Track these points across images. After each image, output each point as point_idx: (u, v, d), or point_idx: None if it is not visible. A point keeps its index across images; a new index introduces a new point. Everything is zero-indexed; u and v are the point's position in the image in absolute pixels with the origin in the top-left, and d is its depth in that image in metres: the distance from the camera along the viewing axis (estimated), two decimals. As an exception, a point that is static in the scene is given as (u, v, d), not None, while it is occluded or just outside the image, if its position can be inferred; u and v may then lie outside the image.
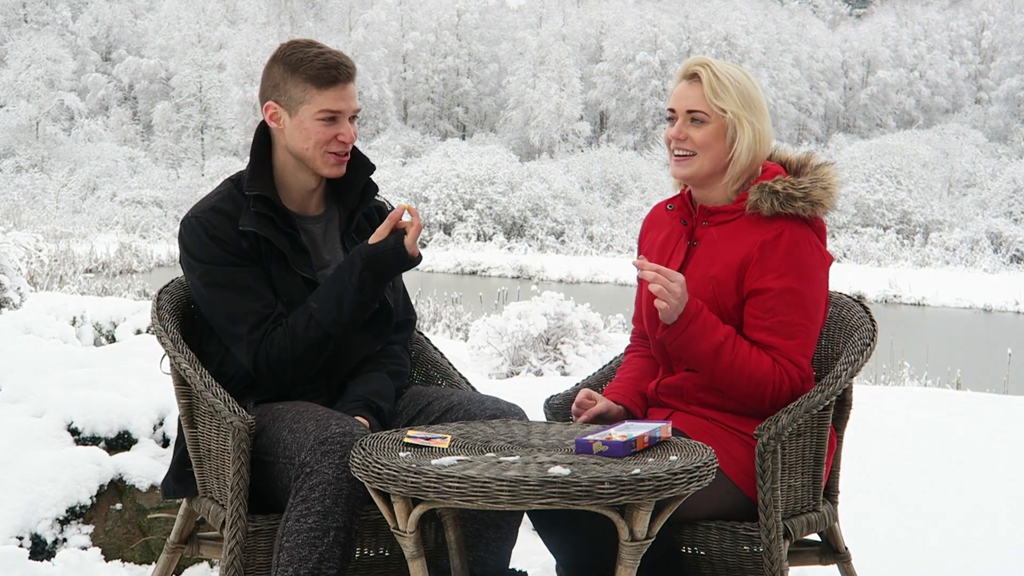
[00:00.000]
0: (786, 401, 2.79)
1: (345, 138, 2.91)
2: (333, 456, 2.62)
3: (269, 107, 2.94)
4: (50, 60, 57.05)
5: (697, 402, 2.88)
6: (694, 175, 2.88)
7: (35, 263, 16.76)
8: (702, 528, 2.77)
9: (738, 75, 2.85)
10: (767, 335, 2.78)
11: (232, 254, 2.88)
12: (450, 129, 62.44)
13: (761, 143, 2.86)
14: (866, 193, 41.92)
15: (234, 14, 64.90)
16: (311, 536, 2.59)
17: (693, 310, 2.76)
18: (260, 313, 2.86)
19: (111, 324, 7.17)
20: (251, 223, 2.88)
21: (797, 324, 2.79)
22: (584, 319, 10.15)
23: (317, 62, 2.89)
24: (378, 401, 2.89)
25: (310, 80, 2.88)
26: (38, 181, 49.23)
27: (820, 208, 2.84)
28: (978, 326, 24.63)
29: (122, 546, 3.78)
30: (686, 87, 2.88)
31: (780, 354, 2.78)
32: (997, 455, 5.71)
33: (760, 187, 2.83)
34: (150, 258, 31.32)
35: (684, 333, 2.76)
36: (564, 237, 41.53)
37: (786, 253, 2.79)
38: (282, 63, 2.92)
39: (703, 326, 2.76)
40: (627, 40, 60.34)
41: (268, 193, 2.91)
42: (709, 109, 2.84)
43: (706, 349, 2.76)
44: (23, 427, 3.91)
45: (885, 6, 70.75)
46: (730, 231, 2.85)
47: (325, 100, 2.89)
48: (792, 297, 2.79)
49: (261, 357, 2.86)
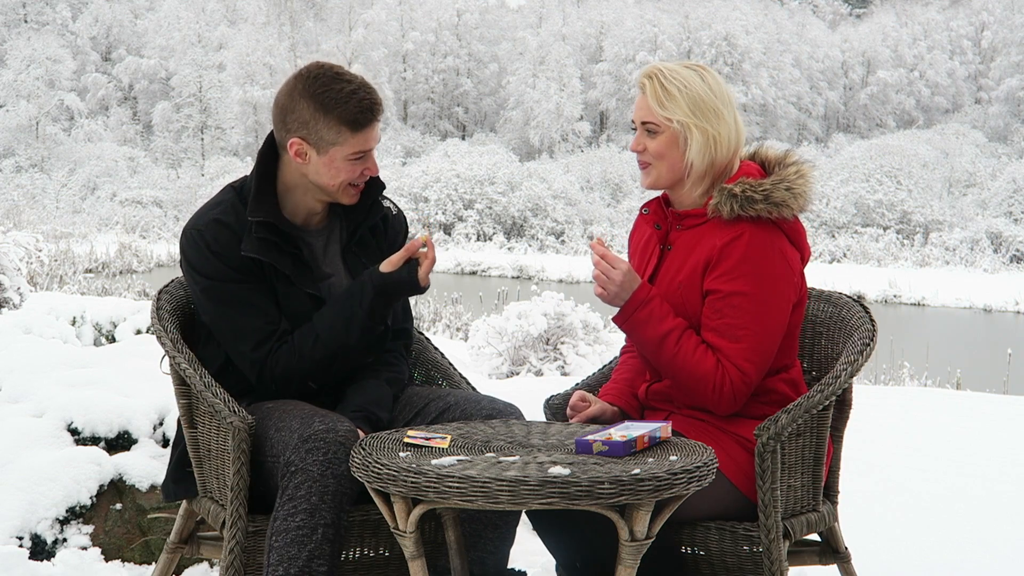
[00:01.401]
0: (728, 403, 2.77)
1: (371, 172, 2.89)
2: (317, 453, 2.61)
3: (295, 144, 2.83)
4: (50, 60, 57.07)
5: (687, 407, 2.88)
6: (655, 183, 2.89)
7: (35, 263, 16.75)
8: (702, 528, 2.77)
9: (691, 80, 2.82)
10: (713, 336, 2.78)
11: (234, 270, 2.85)
12: (450, 129, 62.45)
13: (718, 146, 2.82)
14: (866, 193, 41.91)
15: (234, 14, 64.89)
16: (299, 534, 2.59)
17: (642, 297, 2.79)
18: (263, 330, 2.85)
19: (111, 324, 7.17)
20: (254, 249, 2.84)
21: (744, 328, 2.76)
22: (584, 319, 10.16)
23: (352, 104, 2.79)
24: (376, 411, 2.87)
25: (345, 123, 2.80)
26: (38, 181, 49.23)
27: (785, 209, 2.79)
28: (978, 326, 24.64)
29: (122, 546, 3.78)
30: (640, 97, 2.89)
31: (724, 356, 2.77)
32: (997, 455, 5.71)
33: (720, 190, 2.81)
34: (150, 258, 31.33)
35: (631, 318, 2.80)
36: (564, 237, 41.54)
37: (742, 257, 2.77)
38: (311, 99, 2.80)
39: (650, 315, 2.78)
40: (627, 40, 60.34)
41: (272, 219, 2.86)
42: (657, 119, 2.83)
43: (651, 337, 2.79)
44: (23, 427, 3.91)
45: (885, 6, 70.73)
46: (698, 235, 2.85)
47: (358, 142, 2.83)
48: (742, 300, 2.76)
49: (266, 375, 2.86)
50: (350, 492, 2.65)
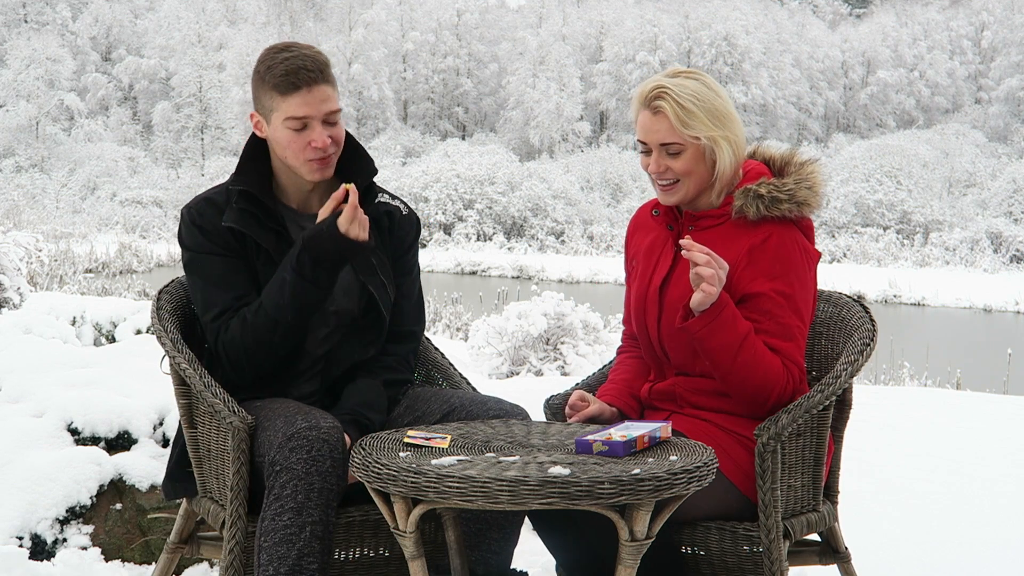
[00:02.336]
0: (786, 403, 2.79)
1: (318, 143, 2.82)
2: (301, 451, 2.61)
3: (253, 116, 2.90)
4: (50, 60, 57.07)
5: (690, 405, 2.88)
6: (683, 199, 2.86)
7: (35, 263, 16.75)
8: (702, 528, 2.76)
9: (699, 91, 2.80)
10: (769, 338, 2.77)
11: (214, 243, 2.87)
12: (450, 129, 62.45)
13: (739, 148, 2.83)
14: (866, 193, 41.92)
15: (234, 14, 64.91)
16: (288, 533, 2.59)
17: (725, 299, 2.72)
18: (229, 304, 2.86)
19: (111, 324, 7.17)
20: (233, 218, 2.86)
21: (794, 326, 2.79)
22: (584, 319, 10.16)
23: (279, 68, 2.80)
24: (367, 413, 2.84)
25: (274, 88, 2.81)
26: (38, 181, 49.24)
27: (807, 208, 2.82)
28: (978, 326, 24.63)
29: (122, 546, 3.78)
30: (651, 119, 2.82)
31: (785, 356, 2.77)
32: (997, 455, 5.71)
33: (744, 191, 2.81)
34: (150, 258, 31.34)
35: (715, 320, 2.70)
36: (564, 237, 41.54)
37: (775, 256, 2.78)
38: (256, 72, 2.86)
39: (732, 316, 2.72)
40: (627, 40, 60.34)
41: (254, 189, 2.88)
42: (682, 139, 2.80)
43: (732, 340, 2.71)
44: (23, 427, 3.91)
45: (885, 6, 70.74)
46: (717, 236, 2.84)
47: (290, 107, 2.80)
48: (786, 300, 2.78)
49: (220, 343, 2.86)
50: (336, 489, 2.65)
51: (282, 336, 2.83)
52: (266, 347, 2.84)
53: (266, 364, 2.88)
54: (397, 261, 3.01)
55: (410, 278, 3.04)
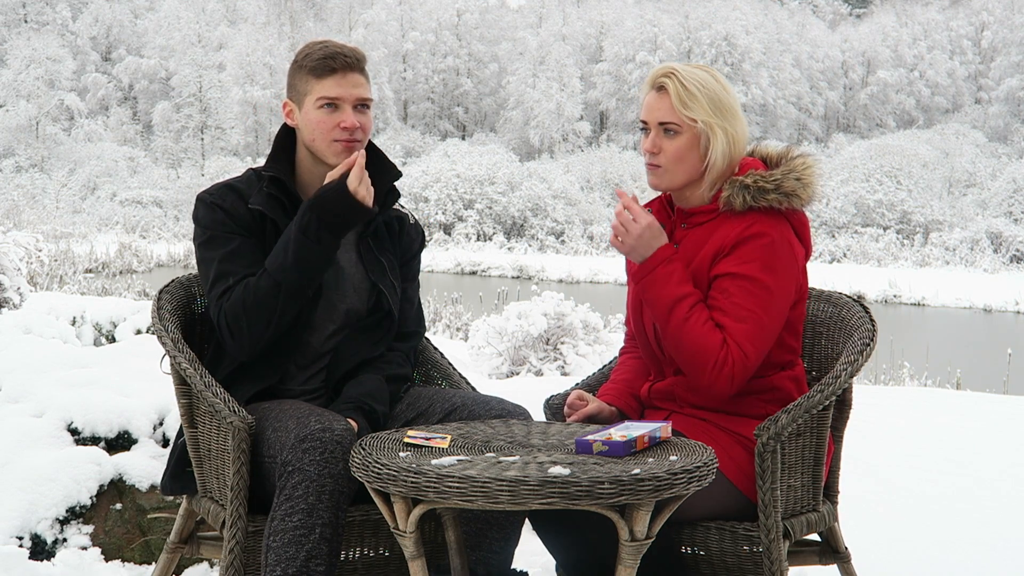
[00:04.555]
0: (726, 384, 2.74)
1: (347, 124, 2.92)
2: (313, 453, 2.61)
3: (286, 105, 3.01)
4: (50, 60, 57.10)
5: (689, 405, 2.88)
6: (669, 185, 2.87)
7: (35, 263, 16.76)
8: (702, 528, 2.76)
9: (706, 80, 2.82)
10: (718, 314, 2.76)
11: (234, 222, 2.92)
12: (450, 129, 62.46)
13: (736, 145, 2.83)
14: (866, 193, 41.93)
15: (234, 14, 64.93)
16: (297, 534, 2.59)
17: (667, 255, 2.78)
18: (239, 277, 2.88)
19: (111, 324, 7.18)
20: (261, 202, 2.93)
21: (749, 310, 2.75)
22: (584, 319, 10.16)
23: (317, 54, 2.95)
24: (370, 403, 2.88)
25: (311, 72, 2.94)
26: (38, 181, 49.27)
27: (796, 199, 2.81)
28: (978, 326, 24.64)
29: (122, 546, 3.78)
30: (655, 98, 2.85)
31: (729, 335, 2.75)
32: (997, 455, 5.71)
33: (732, 182, 2.81)
34: (150, 258, 31.35)
35: (651, 273, 2.78)
36: (564, 237, 41.56)
37: (753, 244, 2.78)
38: (294, 62, 3.00)
39: (670, 275, 2.77)
40: (627, 40, 60.37)
41: (283, 177, 2.96)
42: (680, 120, 2.81)
43: (666, 297, 2.76)
44: (23, 427, 3.91)
45: (885, 6, 70.76)
46: (707, 230, 2.85)
47: (323, 88, 2.93)
48: (750, 285, 2.76)
49: (222, 312, 2.87)
50: (347, 491, 2.65)
51: (284, 301, 2.85)
52: (267, 312, 2.85)
53: (265, 335, 2.88)
54: (402, 267, 3.11)
55: (413, 284, 3.15)
